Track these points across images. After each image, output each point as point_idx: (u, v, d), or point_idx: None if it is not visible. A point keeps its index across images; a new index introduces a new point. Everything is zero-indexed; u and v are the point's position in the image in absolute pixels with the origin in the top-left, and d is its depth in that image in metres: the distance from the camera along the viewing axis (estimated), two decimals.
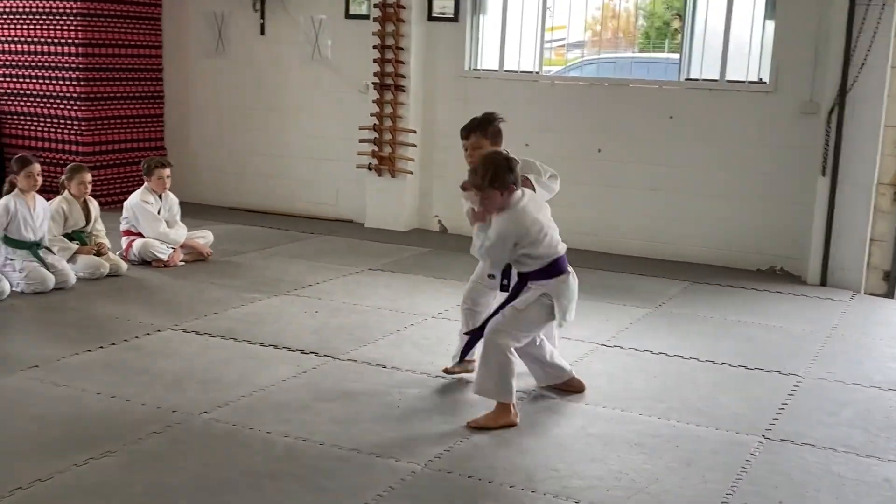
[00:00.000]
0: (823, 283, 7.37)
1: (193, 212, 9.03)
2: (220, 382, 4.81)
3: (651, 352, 5.58)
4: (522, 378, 4.70)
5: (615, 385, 5.00)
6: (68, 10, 9.05)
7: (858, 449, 4.26)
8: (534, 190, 4.58)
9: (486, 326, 4.49)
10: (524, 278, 4.49)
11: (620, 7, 8.48)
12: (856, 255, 7.28)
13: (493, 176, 4.33)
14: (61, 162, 8.85)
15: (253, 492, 3.67)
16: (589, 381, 4.95)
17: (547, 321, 4.52)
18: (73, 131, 9.28)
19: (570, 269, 4.54)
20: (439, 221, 9.04)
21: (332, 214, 9.39)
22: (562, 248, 4.51)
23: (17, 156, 6.58)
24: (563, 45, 9.01)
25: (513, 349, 4.46)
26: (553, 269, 4.46)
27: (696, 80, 8.03)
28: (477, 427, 4.35)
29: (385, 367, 5.15)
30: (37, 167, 6.39)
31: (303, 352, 5.34)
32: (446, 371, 5.00)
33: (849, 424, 4.55)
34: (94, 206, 7.01)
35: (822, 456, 4.17)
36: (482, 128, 4.80)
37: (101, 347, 5.30)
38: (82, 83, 9.16)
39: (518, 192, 4.40)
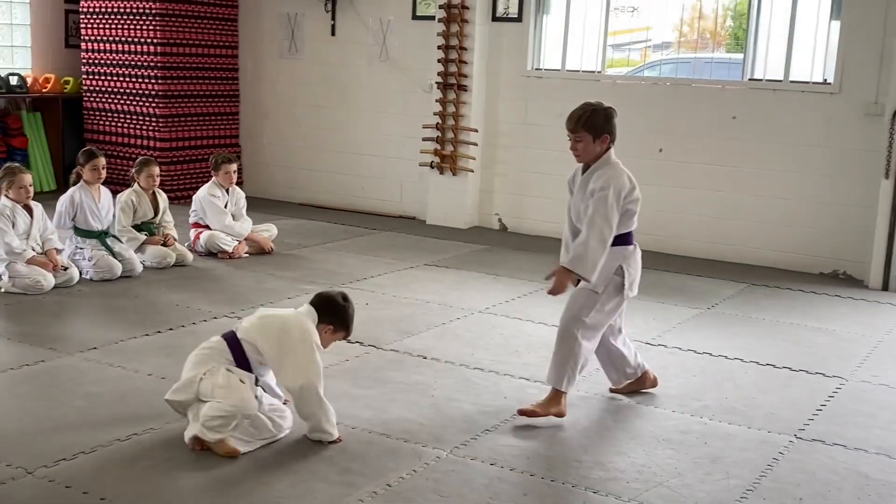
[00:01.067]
0: (886, 287, 7.24)
1: (264, 207, 9.34)
2: None
3: (695, 351, 5.57)
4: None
5: None
6: (148, 11, 9.42)
7: (891, 451, 4.21)
8: None
9: (564, 311, 4.45)
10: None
11: (708, 8, 8.37)
12: None
13: (588, 118, 4.36)
14: (138, 157, 9.20)
15: (282, 470, 3.82)
16: None
17: (621, 300, 4.45)
18: (150, 127, 9.65)
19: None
20: (499, 219, 9.13)
21: (395, 211, 9.57)
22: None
23: (83, 149, 6.92)
24: (648, 46, 8.98)
25: (590, 338, 4.39)
26: (629, 237, 4.45)
27: (760, 80, 7.95)
28: (526, 414, 4.35)
29: (425, 357, 5.27)
30: (102, 161, 6.71)
31: (348, 341, 5.48)
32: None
33: (885, 427, 4.50)
34: (162, 198, 7.30)
35: (851, 456, 4.14)
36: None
37: (159, 332, 5.54)
38: (160, 81, 9.53)
39: (613, 151, 4.40)
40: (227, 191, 7.65)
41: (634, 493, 3.74)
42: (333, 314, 4.15)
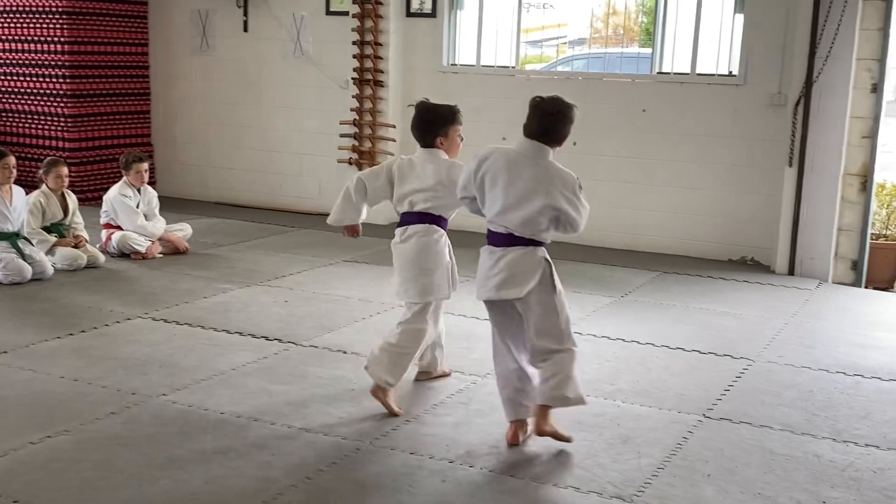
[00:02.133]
0: (792, 272, 7.48)
1: (178, 206, 9.21)
2: (181, 367, 4.95)
3: (608, 338, 5.70)
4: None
5: None
6: (54, 9, 9.21)
7: (794, 427, 4.38)
8: None
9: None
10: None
11: (621, 4, 8.50)
12: (823, 244, 7.39)
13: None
14: (47, 157, 8.99)
15: (198, 466, 3.80)
16: None
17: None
18: (59, 128, 9.44)
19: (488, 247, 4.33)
20: None
21: (314, 208, 9.53)
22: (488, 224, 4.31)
23: None
24: (563, 42, 9.11)
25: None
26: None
27: (668, 73, 8.14)
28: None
29: (345, 352, 5.28)
30: (11, 160, 6.55)
31: (267, 339, 5.48)
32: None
33: (789, 405, 4.67)
34: (71, 199, 7.15)
35: (757, 433, 4.29)
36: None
37: (71, 335, 5.44)
38: (68, 80, 9.32)
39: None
40: (139, 190, 7.53)
41: (548, 474, 3.83)
42: (438, 115, 4.68)
